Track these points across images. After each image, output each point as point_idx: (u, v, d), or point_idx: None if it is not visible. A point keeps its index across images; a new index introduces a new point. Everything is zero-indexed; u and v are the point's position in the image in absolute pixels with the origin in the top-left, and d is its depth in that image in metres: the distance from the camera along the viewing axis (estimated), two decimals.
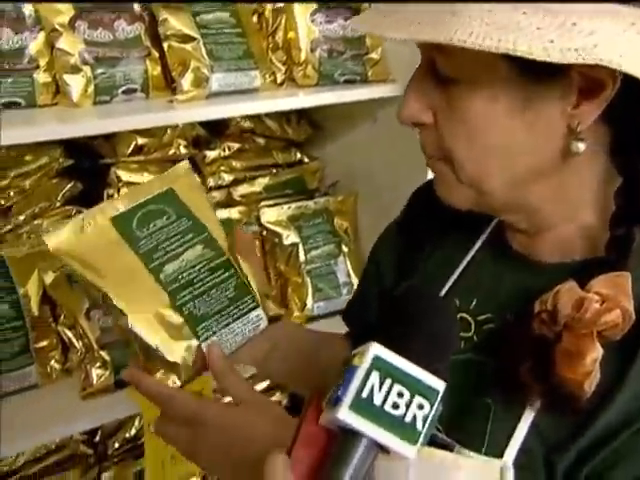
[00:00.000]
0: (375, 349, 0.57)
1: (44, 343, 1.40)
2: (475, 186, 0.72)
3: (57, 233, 0.83)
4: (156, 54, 1.37)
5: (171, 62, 1.35)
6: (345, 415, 0.56)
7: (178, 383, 0.82)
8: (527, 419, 0.70)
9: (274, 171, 1.76)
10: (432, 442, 0.66)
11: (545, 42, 0.58)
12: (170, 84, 1.38)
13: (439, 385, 0.58)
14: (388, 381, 0.57)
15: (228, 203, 1.67)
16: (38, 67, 1.27)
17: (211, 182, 1.67)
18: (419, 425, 0.57)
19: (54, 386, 1.41)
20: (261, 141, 1.72)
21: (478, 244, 0.84)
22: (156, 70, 1.36)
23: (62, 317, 1.42)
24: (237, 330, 0.85)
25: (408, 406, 0.57)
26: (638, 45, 0.60)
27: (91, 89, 1.28)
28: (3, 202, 1.43)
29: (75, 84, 1.27)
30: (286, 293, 1.67)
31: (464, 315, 0.80)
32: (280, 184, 1.75)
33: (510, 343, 0.71)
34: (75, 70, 1.27)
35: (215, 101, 1.37)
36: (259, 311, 0.86)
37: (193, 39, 1.36)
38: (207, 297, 0.83)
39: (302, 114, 1.76)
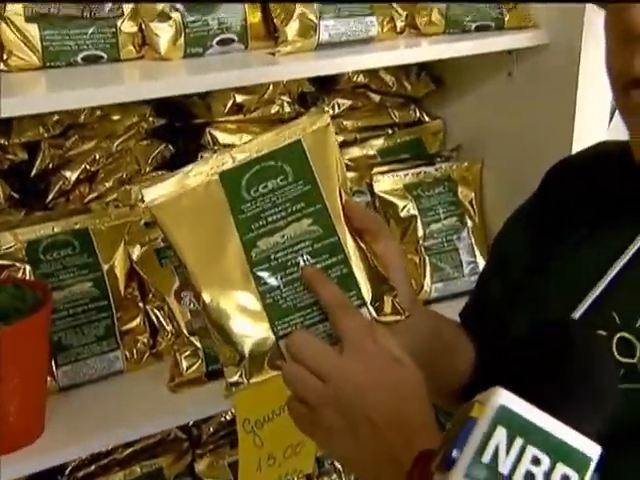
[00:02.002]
0: (501, 396, 0.44)
1: (131, 325, 1.27)
2: None
3: (159, 186, 0.71)
4: None
5: (274, 7, 1.16)
6: None
7: (244, 379, 0.69)
8: None
9: (389, 132, 1.55)
10: None
11: None
12: (273, 34, 1.19)
13: (593, 450, 0.44)
14: (519, 441, 0.44)
15: None
16: (122, 14, 1.10)
17: None
18: None
19: (142, 372, 1.27)
20: (376, 98, 1.51)
21: None
22: (256, 17, 1.17)
23: (150, 295, 1.28)
24: (322, 332, 0.69)
25: (548, 477, 0.43)
26: None
27: (181, 40, 1.11)
28: (88, 167, 1.29)
29: (163, 34, 1.10)
30: None
31: (626, 335, 0.64)
32: (396, 147, 1.55)
33: None
34: (163, 17, 1.10)
35: (324, 53, 1.18)
36: (363, 311, 0.70)
37: None
38: (299, 286, 0.69)
39: (423, 66, 1.53)
